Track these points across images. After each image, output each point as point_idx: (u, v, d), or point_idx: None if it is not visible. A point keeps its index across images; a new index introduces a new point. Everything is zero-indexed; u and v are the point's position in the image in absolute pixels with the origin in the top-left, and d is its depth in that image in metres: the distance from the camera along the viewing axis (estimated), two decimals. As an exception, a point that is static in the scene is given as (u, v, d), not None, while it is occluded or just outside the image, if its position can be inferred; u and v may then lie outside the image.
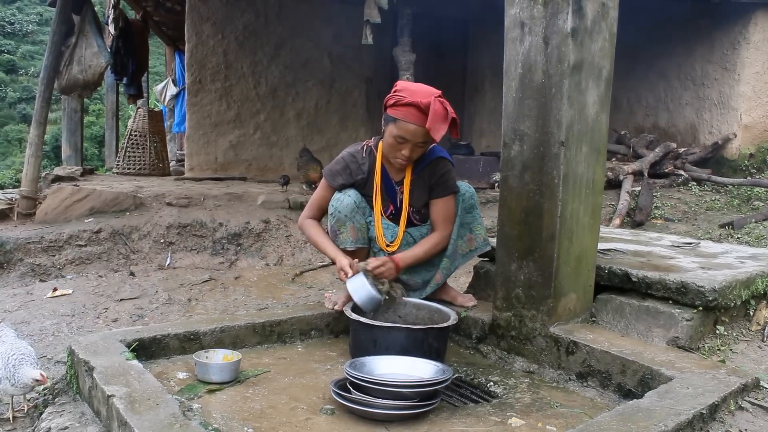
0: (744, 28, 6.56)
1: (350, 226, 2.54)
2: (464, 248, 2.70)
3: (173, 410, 1.68)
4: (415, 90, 2.40)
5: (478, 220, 2.71)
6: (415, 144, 2.42)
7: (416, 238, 2.64)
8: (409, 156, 2.46)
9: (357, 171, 2.59)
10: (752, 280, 2.33)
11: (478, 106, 9.36)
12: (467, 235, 2.69)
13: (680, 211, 5.58)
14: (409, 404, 1.84)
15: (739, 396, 1.84)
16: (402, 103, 2.37)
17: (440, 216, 2.59)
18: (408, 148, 2.43)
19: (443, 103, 2.34)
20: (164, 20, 10.18)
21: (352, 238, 2.55)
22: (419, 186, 2.59)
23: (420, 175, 2.58)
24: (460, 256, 2.71)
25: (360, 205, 2.56)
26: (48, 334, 3.33)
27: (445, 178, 2.58)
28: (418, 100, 2.34)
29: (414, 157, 2.49)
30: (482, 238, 2.71)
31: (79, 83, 6.13)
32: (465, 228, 2.67)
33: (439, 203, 2.58)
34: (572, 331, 2.24)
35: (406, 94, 2.37)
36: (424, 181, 2.58)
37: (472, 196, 2.67)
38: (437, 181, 2.57)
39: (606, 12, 2.25)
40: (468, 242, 2.70)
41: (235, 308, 3.74)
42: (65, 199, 5.21)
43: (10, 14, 29.28)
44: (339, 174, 2.60)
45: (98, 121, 21.53)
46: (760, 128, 6.70)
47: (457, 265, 2.72)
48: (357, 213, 2.55)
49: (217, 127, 7.81)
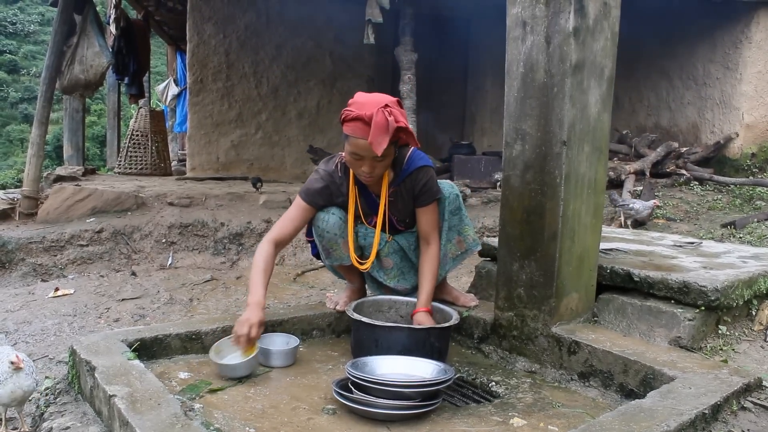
0: (746, 27, 6.54)
1: (342, 242, 2.49)
2: (454, 251, 2.63)
3: (175, 410, 1.68)
4: (363, 102, 2.24)
5: (465, 221, 2.63)
6: (372, 159, 2.26)
7: (404, 246, 2.60)
8: (371, 172, 2.31)
9: (337, 192, 2.48)
10: (754, 279, 2.33)
11: (480, 106, 9.35)
12: (456, 237, 2.61)
13: (682, 211, 5.58)
14: (410, 404, 1.84)
15: (741, 396, 1.84)
16: (350, 118, 2.24)
17: (429, 225, 2.49)
18: (366, 164, 2.28)
19: (387, 114, 2.18)
20: (166, 20, 10.19)
21: (347, 253, 2.52)
22: (402, 197, 2.50)
23: (401, 187, 2.48)
24: (450, 260, 2.64)
25: (345, 219, 2.49)
26: (50, 334, 3.33)
27: (428, 186, 2.46)
28: (363, 113, 2.19)
29: (378, 173, 2.34)
30: (471, 239, 2.65)
31: (81, 83, 6.14)
32: (453, 231, 2.60)
33: (426, 212, 2.49)
34: (574, 331, 2.24)
35: (354, 108, 2.24)
36: (406, 191, 2.48)
37: (457, 197, 2.57)
38: (420, 190, 2.46)
39: (608, 11, 2.24)
40: (458, 245, 2.63)
41: (237, 308, 3.74)
42: (67, 198, 5.21)
43: (12, 14, 29.32)
44: (319, 194, 2.46)
45: (100, 121, 21.55)
46: (762, 128, 6.69)
47: (447, 269, 2.66)
48: (345, 229, 2.49)
49: (219, 127, 7.81)
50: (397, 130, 2.21)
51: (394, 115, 2.21)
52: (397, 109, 2.25)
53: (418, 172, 2.45)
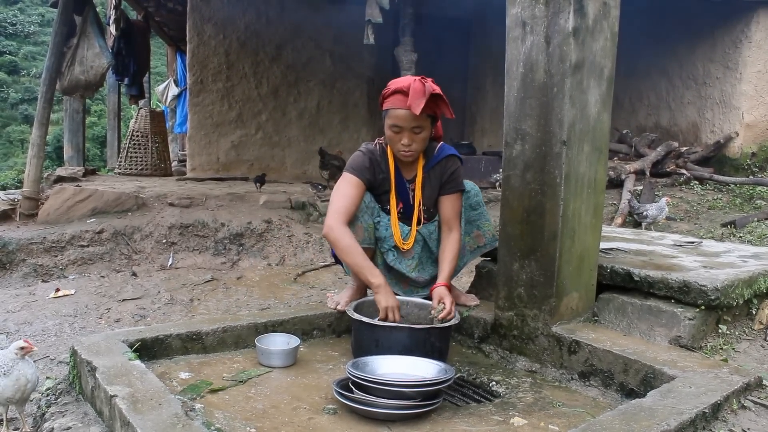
0: (746, 26, 6.55)
1: (358, 226, 2.51)
2: (472, 245, 2.72)
3: (176, 410, 1.68)
4: (400, 80, 2.47)
5: (486, 216, 2.73)
6: (410, 130, 2.42)
7: (425, 235, 2.64)
8: (409, 144, 2.44)
9: (378, 169, 2.58)
10: (755, 279, 2.33)
11: (480, 106, 9.35)
12: (474, 231, 2.71)
13: (682, 210, 5.58)
14: (411, 404, 1.84)
15: (741, 395, 1.84)
16: (388, 93, 2.45)
17: (452, 212, 2.58)
18: (405, 136, 2.43)
19: (423, 81, 2.36)
20: (166, 20, 10.20)
21: (359, 238, 2.53)
22: (430, 184, 2.60)
23: (431, 173, 2.59)
24: (468, 252, 2.73)
25: (369, 204, 2.55)
26: (50, 334, 3.34)
27: (455, 175, 2.59)
28: (400, 85, 2.40)
29: (415, 147, 2.46)
30: (491, 234, 2.72)
31: (81, 84, 6.14)
32: (472, 225, 2.70)
33: (450, 200, 2.58)
34: (574, 331, 2.24)
35: (391, 85, 2.46)
36: (435, 178, 2.59)
37: (477, 194, 2.70)
38: (448, 178, 2.58)
39: (607, 11, 2.24)
40: (476, 239, 2.71)
41: (237, 308, 3.74)
42: (67, 199, 5.22)
43: (12, 15, 29.30)
44: (366, 169, 2.52)
45: (100, 122, 21.55)
46: (762, 127, 6.69)
47: (466, 262, 2.74)
48: (366, 213, 2.53)
49: (219, 128, 7.82)
50: (433, 96, 2.35)
51: (429, 83, 2.36)
52: (431, 81, 2.39)
53: (448, 160, 2.59)
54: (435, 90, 2.35)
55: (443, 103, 2.42)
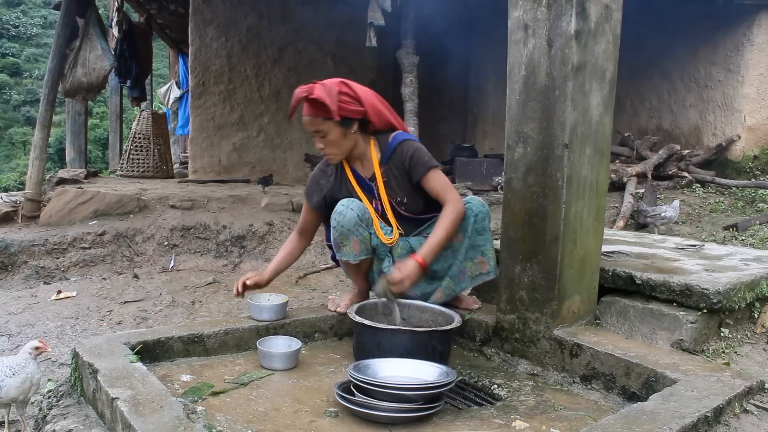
0: (748, 29, 6.54)
1: (354, 240, 2.50)
2: (474, 271, 2.60)
3: (177, 413, 1.68)
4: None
5: (491, 243, 2.59)
6: (314, 133, 2.44)
7: (414, 246, 2.57)
8: (323, 148, 2.48)
9: (325, 183, 2.62)
10: (757, 282, 2.33)
11: (482, 109, 9.36)
12: (478, 257, 2.58)
13: (684, 213, 5.57)
14: (412, 407, 1.84)
15: (744, 399, 1.84)
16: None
17: (437, 188, 2.50)
18: (316, 140, 2.47)
19: (304, 87, 2.35)
20: (168, 23, 10.22)
21: (356, 252, 2.52)
22: (393, 176, 2.54)
23: (390, 165, 2.54)
24: (469, 278, 2.61)
25: (363, 217, 2.49)
26: (52, 336, 3.34)
27: (416, 157, 2.50)
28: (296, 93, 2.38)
29: (330, 150, 2.48)
30: (493, 265, 2.60)
31: (83, 86, 6.15)
32: (476, 250, 2.57)
33: (428, 180, 2.50)
34: (576, 334, 2.24)
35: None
36: (396, 168, 2.53)
37: (484, 218, 2.56)
38: (410, 164, 2.51)
39: (609, 14, 2.25)
40: (479, 265, 2.59)
41: (239, 311, 3.74)
42: (69, 201, 5.22)
43: (15, 17, 29.39)
44: (313, 192, 2.66)
45: (102, 124, 21.60)
46: (764, 130, 6.68)
47: (463, 287, 2.64)
48: (360, 226, 2.49)
49: (221, 130, 7.82)
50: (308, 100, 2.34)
51: (308, 87, 2.34)
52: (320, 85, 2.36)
53: (401, 145, 2.53)
54: (302, 94, 2.34)
55: (320, 106, 2.34)
